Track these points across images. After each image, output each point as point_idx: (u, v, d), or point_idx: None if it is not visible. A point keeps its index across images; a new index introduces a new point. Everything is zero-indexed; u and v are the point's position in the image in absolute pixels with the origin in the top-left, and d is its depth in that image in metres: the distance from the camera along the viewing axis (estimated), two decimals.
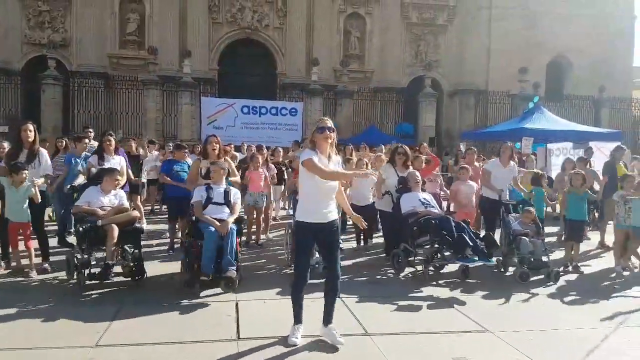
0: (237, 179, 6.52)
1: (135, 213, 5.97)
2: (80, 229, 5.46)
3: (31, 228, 6.01)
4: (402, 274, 6.17)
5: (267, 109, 18.45)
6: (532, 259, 6.12)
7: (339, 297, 4.22)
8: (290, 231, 6.50)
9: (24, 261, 5.94)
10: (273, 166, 8.95)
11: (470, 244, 5.71)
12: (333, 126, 3.96)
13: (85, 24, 20.86)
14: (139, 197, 9.19)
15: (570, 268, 6.68)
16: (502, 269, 6.46)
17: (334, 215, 4.01)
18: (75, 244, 5.81)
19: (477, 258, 5.69)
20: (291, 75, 22.14)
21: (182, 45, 21.39)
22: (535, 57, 23.35)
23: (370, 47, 23.55)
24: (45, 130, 17.53)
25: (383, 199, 6.93)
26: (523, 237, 6.16)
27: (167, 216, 8.06)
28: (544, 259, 6.19)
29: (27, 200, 5.87)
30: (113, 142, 7.03)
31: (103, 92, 20.17)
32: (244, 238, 7.51)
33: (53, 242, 6.90)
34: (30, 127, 6.04)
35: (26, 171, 5.81)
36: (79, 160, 7.61)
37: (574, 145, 13.28)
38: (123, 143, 10.29)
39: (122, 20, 21.54)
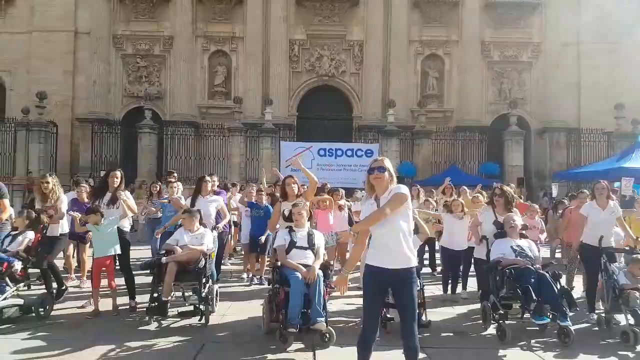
0: None
1: (196, 253, 5.82)
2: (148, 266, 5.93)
3: (114, 266, 6.31)
4: (489, 329, 5.66)
5: (342, 151, 18.68)
6: None
7: None
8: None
9: (105, 300, 6.18)
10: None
11: (534, 298, 5.08)
12: (385, 165, 3.64)
13: (178, 77, 22.64)
14: None
15: None
16: (606, 327, 5.68)
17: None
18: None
19: (545, 317, 5.06)
20: (367, 118, 22.31)
21: (264, 93, 22.43)
22: (631, 92, 21.57)
23: (449, 86, 23.19)
24: (141, 175, 19.03)
25: (480, 245, 6.31)
26: (632, 291, 5.30)
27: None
28: None
29: (113, 235, 6.19)
30: (209, 184, 7.13)
31: (193, 139, 21.48)
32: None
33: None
34: (118, 174, 6.52)
35: (100, 213, 6.20)
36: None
37: None
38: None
39: (211, 73, 23.16)
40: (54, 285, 6.57)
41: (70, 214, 6.75)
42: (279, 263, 5.33)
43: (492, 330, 5.58)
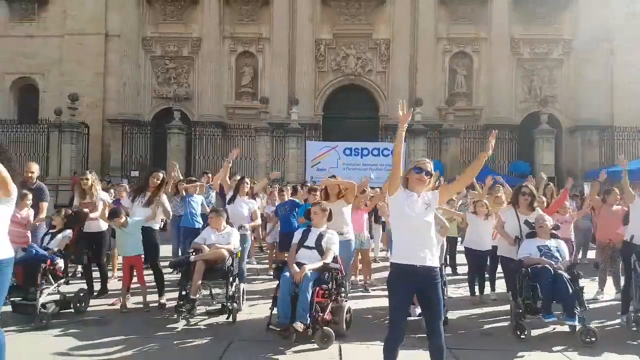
0: None
1: (223, 252, 5.90)
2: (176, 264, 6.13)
3: (143, 264, 6.46)
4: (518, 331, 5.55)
5: (368, 150, 18.57)
6: None
7: None
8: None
9: (135, 298, 6.38)
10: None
11: (540, 296, 5.13)
12: (431, 171, 3.72)
13: (206, 78, 22.86)
14: None
15: None
16: (635, 327, 5.56)
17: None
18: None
19: (552, 315, 5.17)
20: (393, 117, 22.08)
21: (290, 93, 22.47)
22: None
23: (478, 84, 22.83)
24: (170, 175, 19.24)
25: (505, 244, 6.25)
26: None
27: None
28: None
29: (138, 235, 6.35)
30: (247, 186, 7.29)
31: (220, 140, 21.64)
32: (353, 277, 7.92)
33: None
34: (160, 175, 6.74)
35: (122, 217, 6.35)
36: (193, 200, 8.49)
37: None
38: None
39: (238, 74, 23.33)
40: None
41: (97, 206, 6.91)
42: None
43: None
